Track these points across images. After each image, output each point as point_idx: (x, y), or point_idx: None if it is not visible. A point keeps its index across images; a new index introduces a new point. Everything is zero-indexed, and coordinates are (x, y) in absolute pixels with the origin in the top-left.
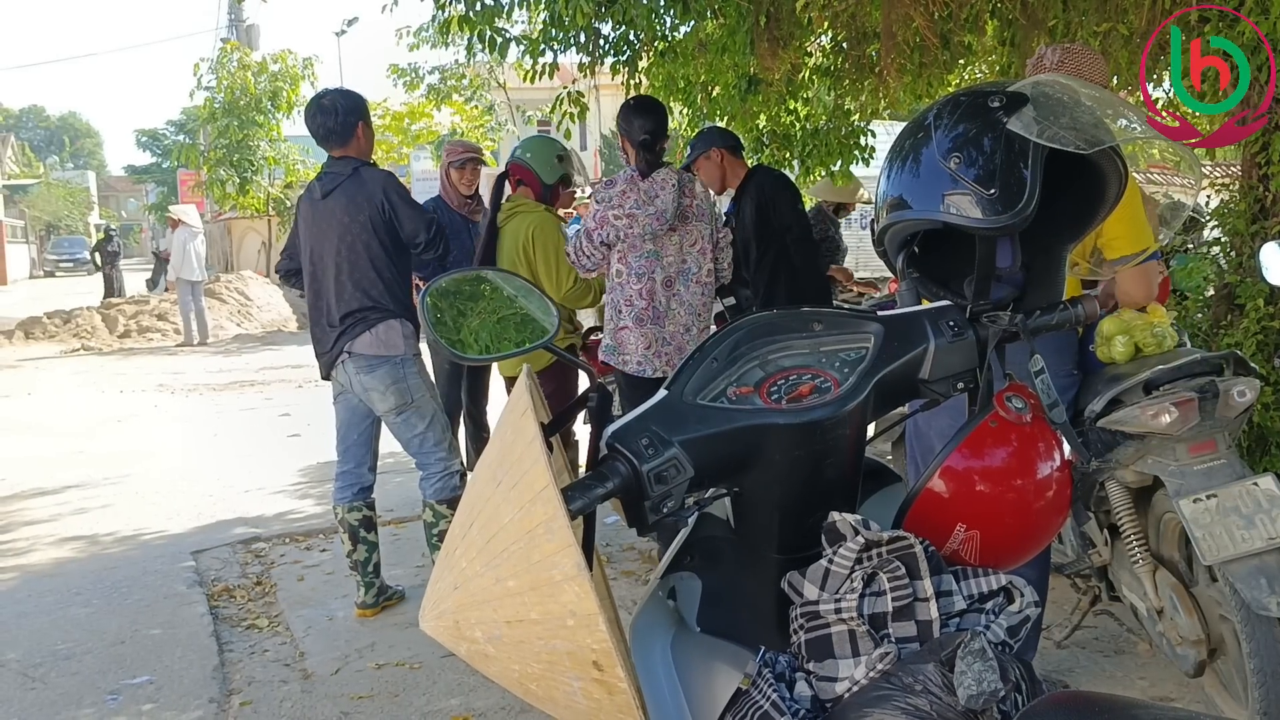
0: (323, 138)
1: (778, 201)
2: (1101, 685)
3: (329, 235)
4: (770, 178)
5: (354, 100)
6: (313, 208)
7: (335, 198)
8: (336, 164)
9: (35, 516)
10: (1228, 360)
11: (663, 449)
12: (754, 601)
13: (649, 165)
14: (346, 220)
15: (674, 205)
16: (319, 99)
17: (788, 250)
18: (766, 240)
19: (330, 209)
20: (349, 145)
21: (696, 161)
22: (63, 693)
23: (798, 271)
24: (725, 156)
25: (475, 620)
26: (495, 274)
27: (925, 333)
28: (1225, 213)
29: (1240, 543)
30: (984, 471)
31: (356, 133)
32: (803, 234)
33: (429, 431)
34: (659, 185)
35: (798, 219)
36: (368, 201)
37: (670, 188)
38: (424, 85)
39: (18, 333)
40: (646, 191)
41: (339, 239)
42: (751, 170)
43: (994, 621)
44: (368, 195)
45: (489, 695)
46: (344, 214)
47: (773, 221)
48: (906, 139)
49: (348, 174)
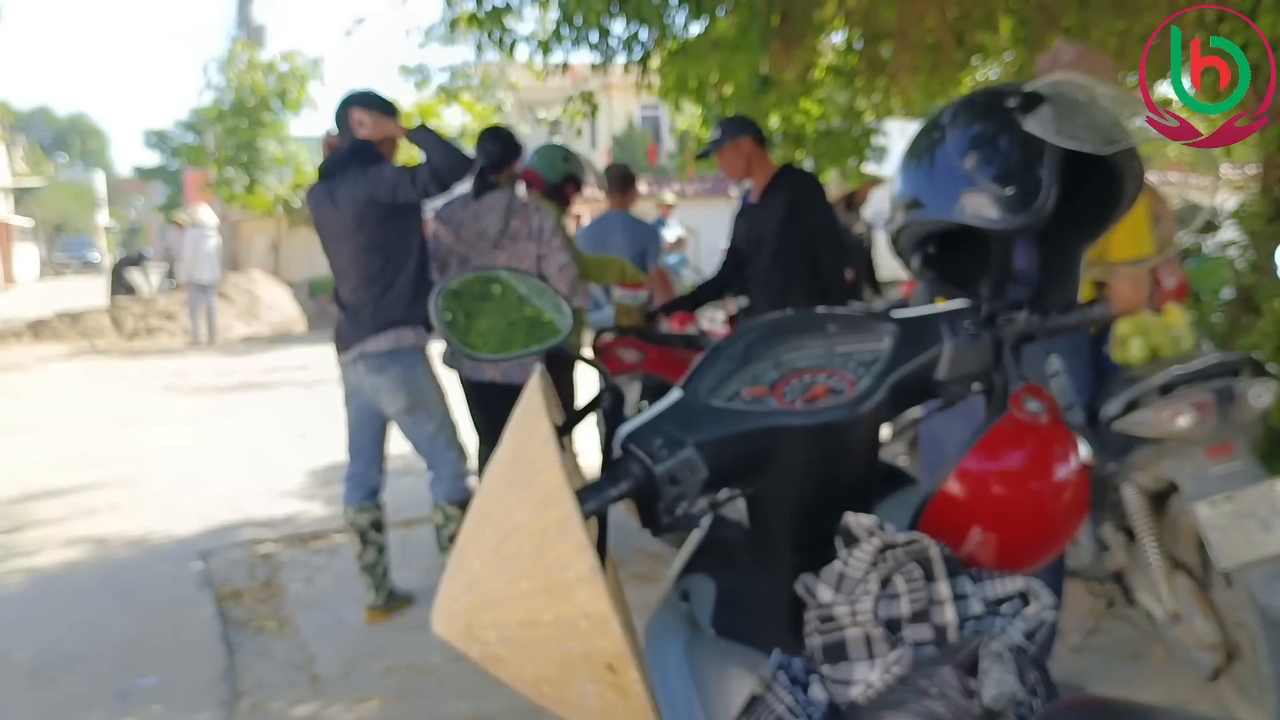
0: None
1: (812, 203)
2: (1116, 690)
3: (331, 227)
4: (806, 179)
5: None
6: (312, 195)
7: (328, 187)
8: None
9: (44, 517)
10: (1245, 362)
11: (677, 450)
12: (768, 604)
13: (482, 188)
14: (348, 219)
15: (499, 226)
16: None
17: (813, 250)
18: (788, 239)
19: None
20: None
21: (723, 147)
22: (72, 694)
23: (819, 272)
24: (754, 147)
25: (488, 622)
26: (508, 274)
27: (941, 334)
28: (1243, 214)
29: (1257, 546)
30: (1000, 473)
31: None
32: (835, 236)
33: (440, 432)
34: (487, 207)
35: (832, 221)
36: (357, 198)
37: (498, 210)
38: (433, 84)
39: (26, 333)
40: (475, 212)
41: (342, 234)
42: (785, 168)
43: (1011, 625)
44: (353, 196)
45: (499, 698)
46: (342, 209)
47: (803, 221)
48: (922, 139)
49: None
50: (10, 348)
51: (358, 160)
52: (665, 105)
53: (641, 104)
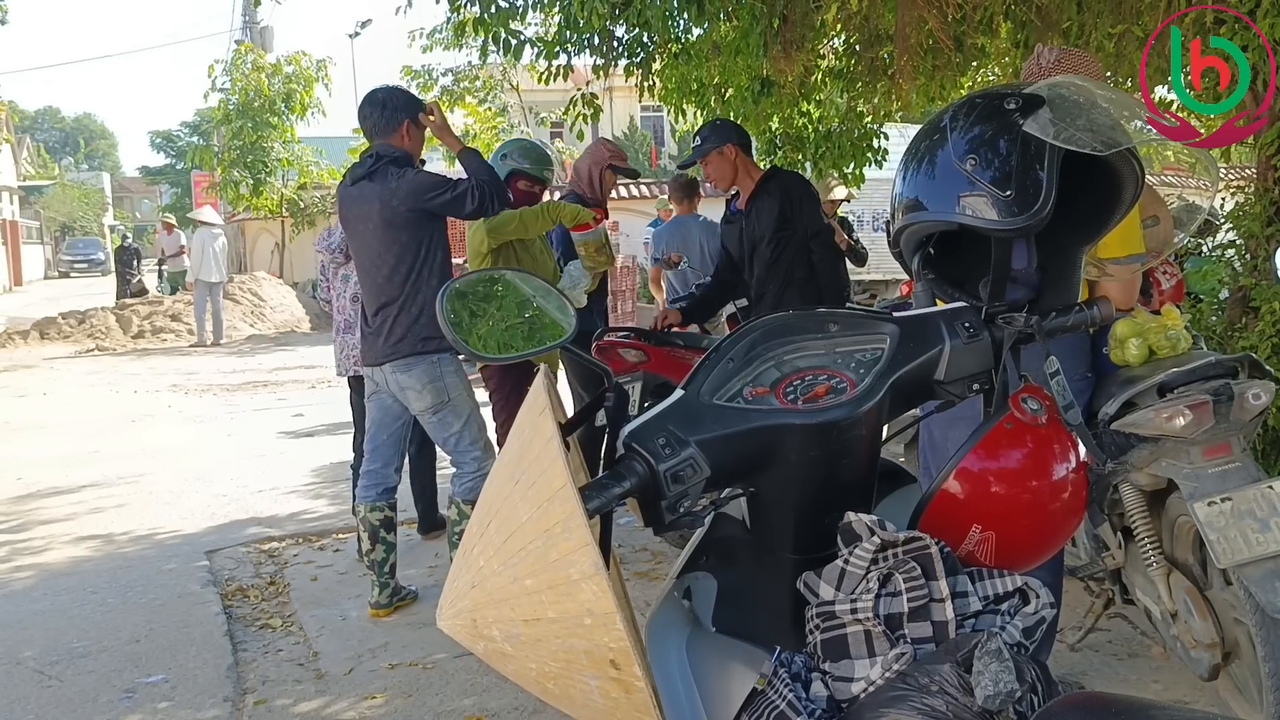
0: (368, 130)
1: (804, 205)
2: (1115, 688)
3: (357, 228)
4: (795, 180)
5: (404, 98)
6: (343, 196)
7: (361, 189)
8: (370, 153)
9: (51, 516)
10: (1243, 363)
11: (680, 449)
12: (770, 602)
13: None
14: (374, 216)
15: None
16: (372, 92)
17: (808, 253)
18: (783, 243)
19: (357, 201)
20: (391, 139)
21: (707, 155)
22: (78, 691)
23: (816, 274)
24: (739, 154)
25: (493, 619)
26: (514, 275)
27: (941, 334)
28: (1240, 215)
29: (1255, 546)
30: (999, 473)
31: (401, 129)
32: (828, 238)
33: (465, 430)
34: (335, 229)
35: (825, 222)
36: (392, 195)
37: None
38: (437, 87)
39: (33, 333)
40: (329, 230)
41: (369, 234)
42: (771, 171)
43: (1010, 622)
44: (391, 191)
45: (503, 695)
46: (368, 207)
47: (795, 224)
48: (922, 141)
49: (375, 166)
50: (17, 347)
51: (395, 165)
52: (666, 107)
53: (642, 106)
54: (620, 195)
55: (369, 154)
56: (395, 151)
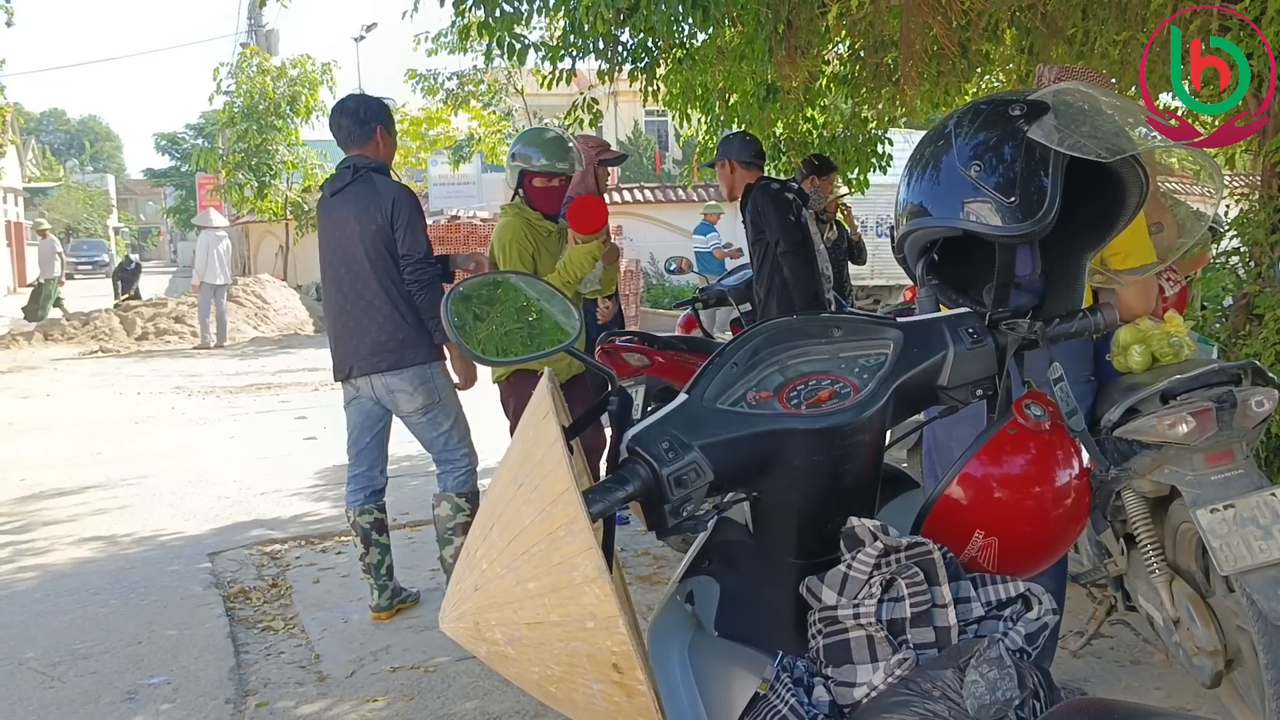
0: (343, 139)
1: (766, 215)
2: (1117, 695)
3: (337, 236)
4: (761, 193)
5: (375, 105)
6: (323, 206)
7: (343, 199)
8: (347, 164)
9: (54, 517)
10: (1246, 370)
11: (683, 453)
12: (772, 606)
13: None
14: (356, 225)
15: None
16: (342, 101)
17: (779, 263)
18: (761, 254)
19: (338, 210)
20: (366, 148)
21: (716, 165)
22: (80, 692)
23: (786, 284)
24: (736, 168)
25: (495, 622)
26: (518, 278)
27: (944, 339)
28: (1244, 222)
29: (1258, 553)
30: (1002, 478)
31: (375, 136)
32: (790, 247)
33: (454, 429)
34: None
35: (785, 232)
36: (378, 210)
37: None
38: (442, 91)
39: (37, 334)
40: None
41: (352, 242)
42: (748, 186)
43: (1012, 628)
44: (379, 204)
45: (505, 698)
46: (353, 217)
47: (765, 238)
48: (927, 146)
49: (356, 176)
50: (21, 349)
51: (378, 173)
52: (671, 113)
53: (647, 111)
54: (624, 200)
55: (346, 165)
56: (372, 162)
